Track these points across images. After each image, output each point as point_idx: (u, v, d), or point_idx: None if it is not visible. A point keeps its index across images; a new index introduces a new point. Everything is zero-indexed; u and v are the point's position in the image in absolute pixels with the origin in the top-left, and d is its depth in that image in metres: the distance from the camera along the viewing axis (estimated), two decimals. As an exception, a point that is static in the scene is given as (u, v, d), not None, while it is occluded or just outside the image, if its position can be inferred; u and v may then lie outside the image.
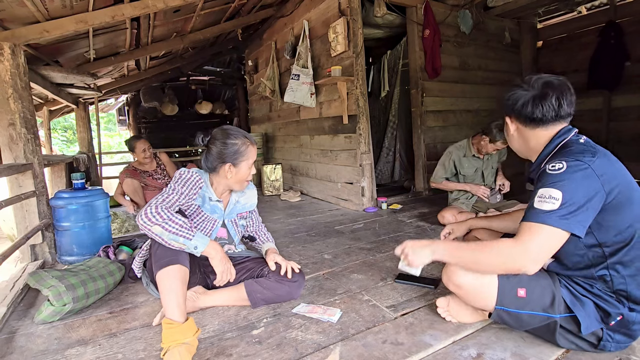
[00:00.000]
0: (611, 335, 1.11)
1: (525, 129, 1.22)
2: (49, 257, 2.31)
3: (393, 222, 2.95)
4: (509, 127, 1.28)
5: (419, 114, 3.92)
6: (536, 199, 1.07)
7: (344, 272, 1.95)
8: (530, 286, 1.15)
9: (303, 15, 3.97)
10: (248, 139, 1.58)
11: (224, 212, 1.68)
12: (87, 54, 3.48)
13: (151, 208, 1.35)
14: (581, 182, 1.03)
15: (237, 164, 1.56)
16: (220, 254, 1.44)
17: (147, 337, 1.37)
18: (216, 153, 1.55)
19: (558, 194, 1.03)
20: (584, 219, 1.03)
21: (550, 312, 1.13)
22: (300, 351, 1.25)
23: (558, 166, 1.07)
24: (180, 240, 1.34)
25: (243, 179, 1.60)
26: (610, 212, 1.05)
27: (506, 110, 1.26)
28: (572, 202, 1.02)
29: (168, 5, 2.67)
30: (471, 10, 4.11)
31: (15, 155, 2.21)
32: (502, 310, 1.17)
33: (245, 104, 7.72)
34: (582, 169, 1.04)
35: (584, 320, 1.09)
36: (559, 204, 1.02)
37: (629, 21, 4.13)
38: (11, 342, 1.38)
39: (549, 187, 1.05)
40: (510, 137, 1.30)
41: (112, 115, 12.64)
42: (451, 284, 1.26)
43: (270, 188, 4.55)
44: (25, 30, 2.26)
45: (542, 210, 1.05)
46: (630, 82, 4.14)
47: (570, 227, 1.02)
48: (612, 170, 1.07)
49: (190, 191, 1.53)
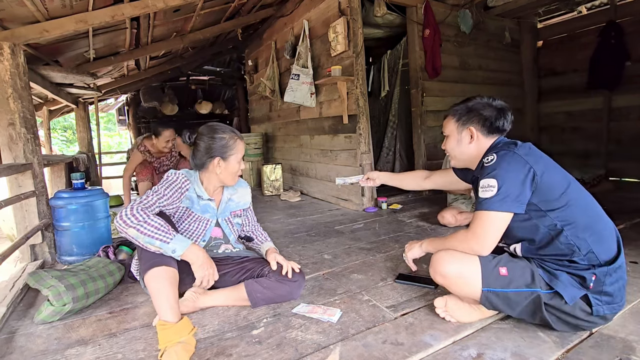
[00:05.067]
0: (597, 297, 1.20)
1: (483, 138, 1.39)
2: (49, 257, 2.30)
3: (393, 222, 2.95)
4: (465, 138, 1.42)
5: (419, 114, 3.92)
6: (480, 189, 1.26)
7: (344, 272, 1.95)
8: (509, 265, 1.27)
9: (303, 15, 3.97)
10: (235, 134, 1.60)
11: (216, 211, 1.67)
12: (86, 54, 3.48)
13: (127, 210, 1.33)
14: (510, 166, 1.21)
15: (226, 157, 1.57)
16: (200, 259, 1.39)
17: (147, 337, 1.37)
18: (204, 148, 1.56)
19: (494, 182, 1.21)
20: (521, 198, 1.20)
21: (533, 287, 1.22)
22: (300, 351, 1.25)
23: (490, 158, 1.27)
24: (157, 244, 1.31)
25: (233, 173, 1.61)
26: (544, 185, 1.21)
27: (468, 121, 1.40)
28: (506, 185, 1.20)
29: (168, 5, 2.67)
30: (471, 10, 4.11)
31: (15, 155, 2.21)
32: (490, 292, 1.25)
33: (245, 103, 7.71)
34: (508, 155, 1.24)
35: (564, 291, 1.18)
36: (496, 190, 1.20)
37: (629, 21, 4.13)
38: (11, 342, 1.38)
39: (487, 178, 1.24)
40: (465, 147, 1.42)
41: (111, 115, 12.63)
42: (438, 275, 1.33)
43: (270, 188, 4.54)
44: (24, 30, 2.26)
45: (484, 199, 1.23)
46: (631, 82, 4.14)
47: (509, 208, 1.20)
48: (534, 153, 1.27)
49: (175, 193, 1.51)
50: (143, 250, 1.36)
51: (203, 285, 1.44)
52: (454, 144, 1.45)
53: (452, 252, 1.31)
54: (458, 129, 1.43)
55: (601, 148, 4.53)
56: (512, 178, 1.20)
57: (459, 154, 1.46)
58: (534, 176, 1.20)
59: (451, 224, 2.69)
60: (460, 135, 1.42)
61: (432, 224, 2.82)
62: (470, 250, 1.28)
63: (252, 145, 5.29)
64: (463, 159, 1.47)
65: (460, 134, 1.43)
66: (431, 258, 1.37)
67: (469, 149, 1.42)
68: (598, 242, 1.21)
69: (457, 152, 1.46)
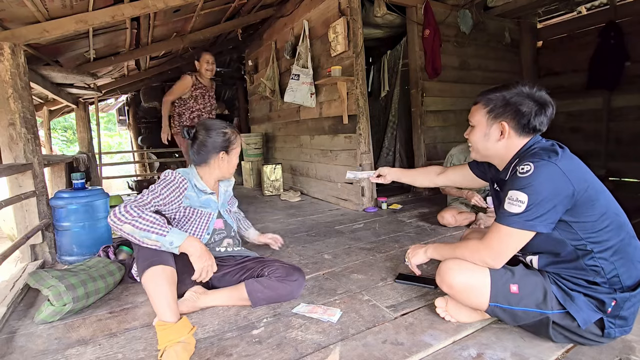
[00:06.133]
0: (612, 321, 1.13)
1: (516, 136, 1.22)
2: (49, 257, 2.30)
3: (393, 222, 2.95)
4: (494, 133, 1.23)
5: (419, 114, 3.92)
6: (506, 200, 1.13)
7: (344, 272, 1.95)
8: (522, 282, 1.18)
9: (303, 15, 3.97)
10: (235, 129, 1.70)
11: (218, 204, 1.70)
12: (87, 54, 3.48)
13: (120, 208, 1.34)
14: (548, 181, 1.06)
15: (230, 151, 1.66)
16: (199, 251, 1.40)
17: (147, 337, 1.37)
18: (211, 144, 1.62)
19: (524, 197, 1.08)
20: (550, 218, 1.08)
21: (543, 309, 1.15)
22: (300, 351, 1.25)
23: (526, 168, 1.10)
24: (153, 237, 1.31)
25: (233, 166, 1.71)
26: (583, 205, 1.09)
27: (502, 114, 1.21)
28: (537, 204, 1.07)
29: (168, 5, 2.67)
30: (471, 10, 4.11)
31: (15, 155, 2.21)
32: (497, 307, 1.20)
33: (245, 104, 7.70)
34: (548, 168, 1.08)
35: (577, 315, 1.12)
36: (525, 207, 1.08)
37: (629, 21, 4.13)
38: (11, 342, 1.38)
39: (517, 190, 1.10)
40: (492, 143, 1.25)
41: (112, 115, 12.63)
42: (444, 285, 1.28)
43: (270, 188, 4.54)
44: (25, 30, 2.26)
45: (509, 213, 1.11)
46: (631, 82, 4.13)
47: (534, 227, 1.09)
48: (578, 166, 1.13)
49: (172, 193, 1.52)
50: (140, 249, 1.35)
51: (202, 278, 1.43)
52: (479, 137, 1.27)
53: (462, 263, 1.23)
54: (488, 122, 1.23)
55: (601, 148, 4.53)
56: (547, 198, 1.06)
57: (483, 149, 1.28)
58: (572, 194, 1.06)
59: (451, 224, 2.69)
60: (490, 129, 1.24)
61: (432, 224, 2.82)
62: (482, 263, 1.19)
63: (252, 145, 5.29)
64: (487, 154, 1.29)
65: (489, 127, 1.24)
66: (439, 266, 1.31)
67: (496, 146, 1.24)
68: (625, 266, 1.12)
69: (481, 146, 1.28)
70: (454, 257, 1.27)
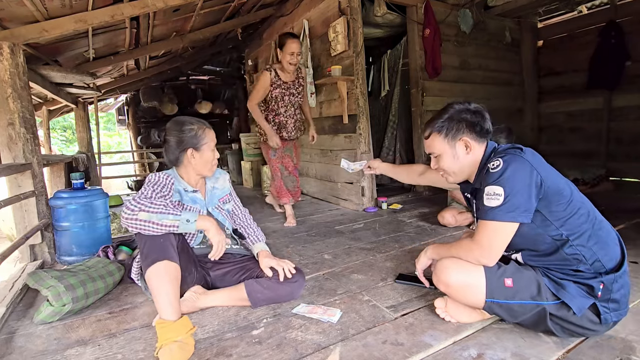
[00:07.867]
0: (605, 306, 1.17)
1: (477, 145, 1.31)
2: (48, 257, 2.30)
3: (393, 222, 2.94)
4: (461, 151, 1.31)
5: (419, 114, 3.91)
6: (484, 197, 1.20)
7: (344, 272, 1.95)
8: (515, 276, 1.23)
9: (303, 14, 3.96)
10: (203, 124, 1.62)
11: (204, 201, 1.68)
12: (86, 54, 3.47)
13: (129, 202, 1.36)
14: (518, 171, 1.15)
15: (199, 147, 1.58)
16: (214, 225, 1.43)
17: (146, 338, 1.37)
18: (175, 143, 1.58)
19: (500, 190, 1.15)
20: (528, 207, 1.14)
21: (538, 300, 1.19)
22: (300, 351, 1.24)
23: (496, 164, 1.19)
24: (170, 217, 1.34)
25: (208, 162, 1.62)
26: (553, 195, 1.16)
27: (458, 132, 1.30)
28: (514, 194, 1.14)
29: (168, 5, 2.66)
30: (471, 10, 4.11)
31: (15, 155, 2.21)
32: (493, 302, 1.23)
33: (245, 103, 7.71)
34: (515, 160, 1.17)
35: (572, 302, 1.16)
36: (502, 199, 1.14)
37: (629, 21, 4.13)
38: (10, 342, 1.38)
39: (492, 185, 1.17)
40: (463, 160, 1.32)
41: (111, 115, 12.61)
42: (441, 284, 1.31)
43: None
44: (24, 29, 2.25)
45: (489, 207, 1.17)
46: (631, 82, 4.13)
47: (516, 218, 1.15)
48: (541, 159, 1.21)
49: (163, 189, 1.53)
50: (145, 244, 1.35)
51: (219, 251, 1.44)
52: (450, 161, 1.34)
53: (457, 261, 1.27)
54: (450, 144, 1.32)
55: (601, 148, 4.52)
56: (520, 186, 1.13)
57: (458, 171, 1.35)
58: (541, 183, 1.14)
59: (451, 224, 2.69)
60: (455, 150, 1.32)
61: (432, 224, 2.81)
62: (476, 261, 1.24)
63: (252, 145, 5.28)
64: (464, 172, 1.35)
65: (454, 148, 1.32)
66: (435, 266, 1.34)
67: (467, 160, 1.32)
68: (603, 250, 1.18)
69: (456, 169, 1.35)
70: (450, 256, 1.31)
